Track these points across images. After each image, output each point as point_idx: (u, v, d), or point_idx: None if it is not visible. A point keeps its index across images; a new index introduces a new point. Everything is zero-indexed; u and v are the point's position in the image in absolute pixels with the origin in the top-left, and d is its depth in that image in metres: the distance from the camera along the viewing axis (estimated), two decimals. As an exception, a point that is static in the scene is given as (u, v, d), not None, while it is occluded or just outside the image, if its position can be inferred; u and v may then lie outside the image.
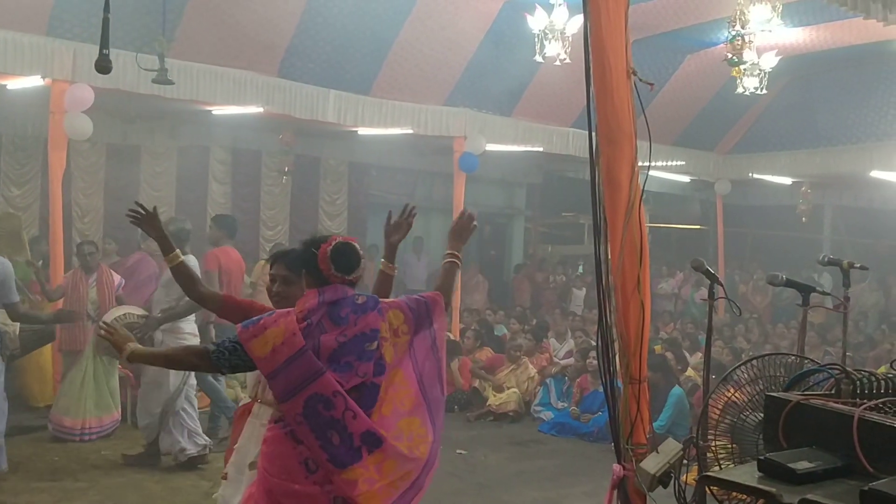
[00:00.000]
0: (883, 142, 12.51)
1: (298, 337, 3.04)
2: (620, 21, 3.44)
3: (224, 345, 3.13)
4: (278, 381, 3.03)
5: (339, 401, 3.02)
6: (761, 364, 3.55)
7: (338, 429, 3.02)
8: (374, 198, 13.94)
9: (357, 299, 3.23)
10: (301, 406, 3.01)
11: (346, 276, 3.22)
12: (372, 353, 3.14)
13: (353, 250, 3.29)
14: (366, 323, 3.16)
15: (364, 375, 3.11)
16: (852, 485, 2.25)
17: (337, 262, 3.21)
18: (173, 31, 8.61)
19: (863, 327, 12.84)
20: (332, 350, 3.08)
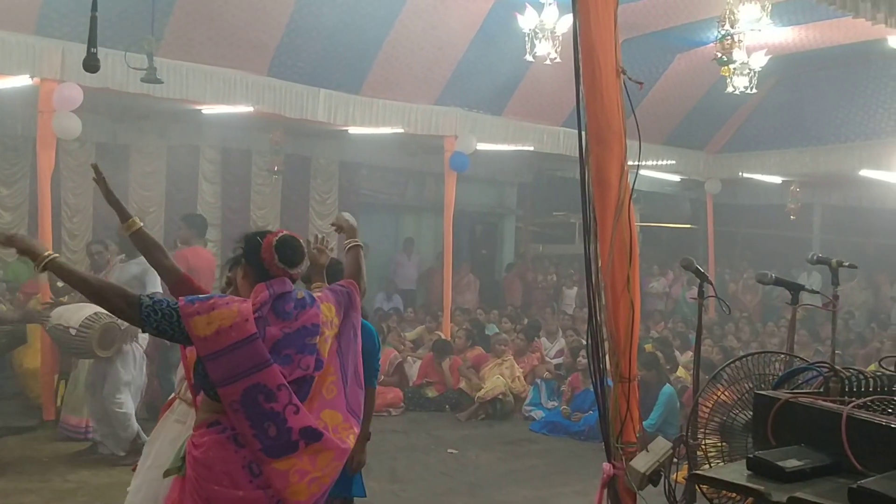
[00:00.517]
0: (872, 141, 12.56)
1: (251, 324, 2.98)
2: (610, 20, 3.44)
3: (161, 304, 2.99)
4: (218, 364, 2.95)
5: (282, 394, 2.99)
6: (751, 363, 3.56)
7: (276, 422, 2.97)
8: (365, 197, 13.92)
9: (296, 294, 3.23)
10: (239, 394, 2.95)
11: (289, 270, 3.20)
12: (314, 347, 3.15)
13: (299, 244, 3.29)
14: (307, 317, 3.16)
15: (306, 369, 3.10)
16: (841, 483, 2.25)
17: (281, 253, 3.19)
18: (162, 30, 8.58)
19: (853, 325, 12.90)
20: (276, 341, 3.05)
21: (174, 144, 11.79)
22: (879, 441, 2.34)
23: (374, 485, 6.62)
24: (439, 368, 9.88)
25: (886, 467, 2.25)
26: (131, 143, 11.51)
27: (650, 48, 11.59)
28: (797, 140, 13.56)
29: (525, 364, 10.11)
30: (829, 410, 2.48)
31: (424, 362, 10.13)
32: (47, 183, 7.93)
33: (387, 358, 9.70)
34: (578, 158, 3.57)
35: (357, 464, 4.24)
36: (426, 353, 10.40)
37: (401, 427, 8.77)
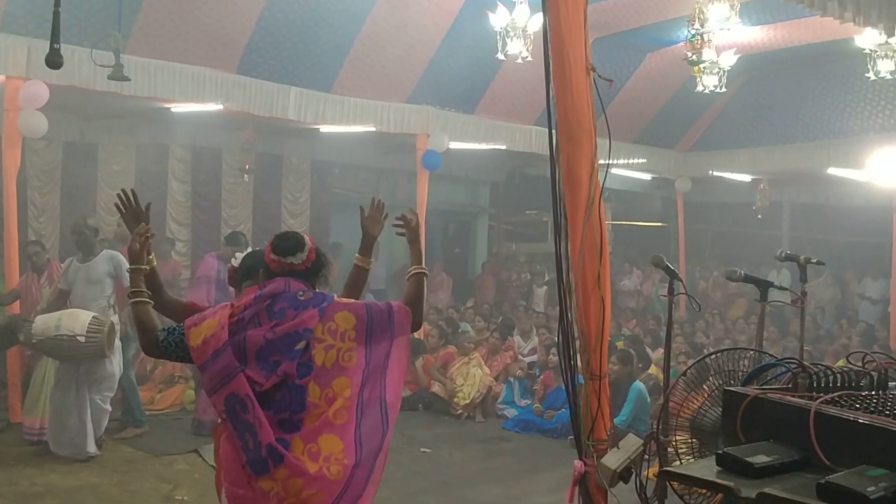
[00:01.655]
0: (839, 139, 12.72)
1: (224, 331, 2.98)
2: (579, 18, 3.44)
3: (174, 334, 3.09)
4: (206, 374, 2.98)
5: (249, 405, 2.92)
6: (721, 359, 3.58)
7: (251, 433, 2.92)
8: (338, 196, 13.87)
9: (300, 294, 3.12)
10: (222, 403, 2.96)
11: (284, 259, 3.17)
12: (298, 353, 2.99)
13: (295, 236, 3.29)
14: (300, 320, 3.03)
15: (283, 375, 2.96)
16: (809, 478, 2.27)
17: (276, 246, 3.21)
18: (130, 26, 8.47)
19: (821, 322, 13.05)
20: (259, 347, 2.98)
21: (143, 143, 11.67)
22: (847, 436, 2.36)
23: (346, 485, 6.59)
24: (412, 368, 9.85)
25: (854, 462, 2.27)
26: (99, 142, 11.39)
27: (621, 47, 11.64)
28: (766, 138, 13.70)
29: (498, 362, 10.11)
30: (798, 406, 2.49)
31: (397, 361, 10.09)
32: (13, 182, 7.82)
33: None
34: (549, 157, 3.57)
35: None
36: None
37: (374, 426, 8.72)
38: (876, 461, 2.25)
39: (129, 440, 7.44)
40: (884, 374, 2.82)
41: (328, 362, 3.02)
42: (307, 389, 2.97)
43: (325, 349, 3.02)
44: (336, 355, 3.03)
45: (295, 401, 2.96)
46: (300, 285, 3.17)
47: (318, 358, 3.00)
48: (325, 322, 3.06)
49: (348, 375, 3.03)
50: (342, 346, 3.05)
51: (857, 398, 2.60)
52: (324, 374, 3.00)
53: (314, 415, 2.96)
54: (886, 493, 2.10)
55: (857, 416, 2.40)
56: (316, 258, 3.26)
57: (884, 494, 2.09)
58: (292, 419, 2.95)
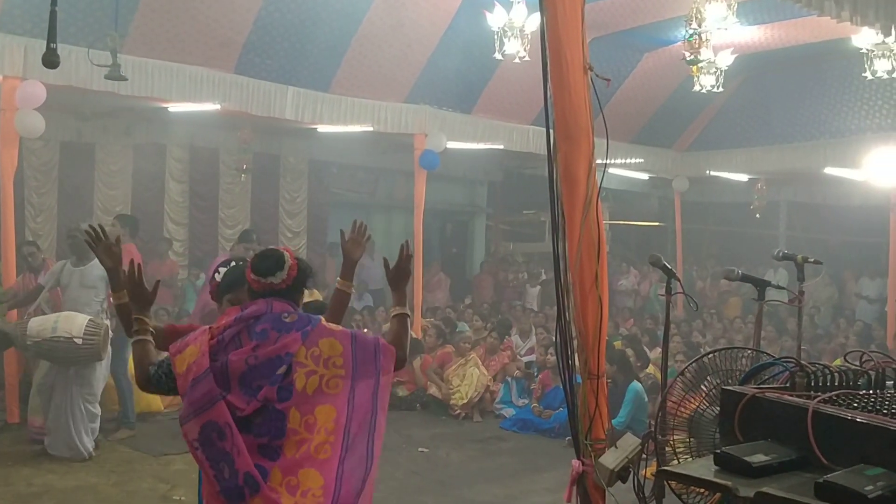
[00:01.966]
0: (836, 139, 12.72)
1: (205, 358, 2.91)
2: (577, 17, 3.44)
3: (163, 366, 3.05)
4: (186, 400, 2.92)
5: (228, 433, 2.84)
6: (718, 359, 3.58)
7: (227, 461, 2.84)
8: (335, 196, 13.87)
9: (285, 316, 3.03)
10: (198, 432, 2.88)
11: (262, 280, 3.09)
12: (280, 378, 2.90)
13: (274, 254, 3.17)
14: (283, 344, 2.94)
15: (263, 399, 2.88)
16: (807, 477, 2.27)
17: (255, 266, 3.13)
18: (127, 26, 8.45)
19: (818, 321, 13.07)
20: (242, 373, 2.91)
21: (140, 143, 11.66)
22: (845, 435, 2.37)
23: (344, 485, 6.59)
24: (410, 367, 9.84)
25: (852, 461, 2.28)
26: (96, 142, 11.37)
27: (618, 47, 11.64)
28: (763, 138, 13.70)
29: (496, 362, 10.10)
30: (795, 405, 2.50)
31: (395, 361, 10.08)
32: (10, 182, 7.81)
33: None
34: (546, 156, 3.57)
35: None
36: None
37: (371, 426, 8.71)
38: (874, 460, 2.25)
39: (126, 440, 7.44)
40: (881, 374, 2.82)
41: (309, 388, 2.92)
42: (287, 415, 2.89)
43: (307, 374, 2.93)
44: (318, 381, 2.94)
45: (274, 426, 2.88)
46: (284, 306, 3.09)
47: (298, 383, 2.92)
48: (308, 347, 2.97)
49: (333, 404, 2.93)
50: (325, 372, 2.96)
51: (854, 397, 2.60)
52: (305, 399, 2.91)
53: (294, 441, 2.87)
54: (884, 492, 2.10)
55: (855, 415, 2.40)
56: (298, 274, 3.16)
57: (882, 493, 2.09)
58: (271, 444, 2.87)
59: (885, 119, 12.23)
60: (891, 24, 5.85)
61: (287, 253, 3.19)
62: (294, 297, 3.16)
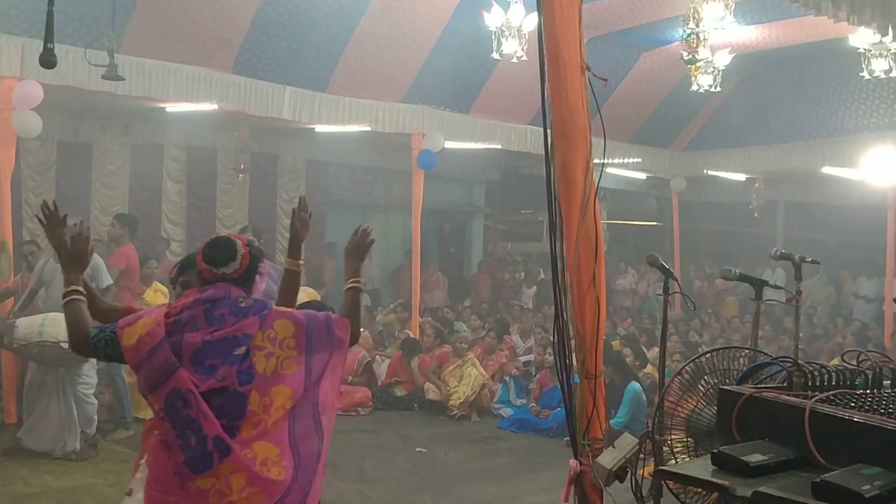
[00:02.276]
0: (833, 138, 12.73)
1: (161, 328, 2.94)
2: (574, 17, 3.44)
3: (105, 332, 3.05)
4: (142, 372, 2.93)
5: (192, 399, 2.86)
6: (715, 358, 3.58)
7: (194, 429, 2.85)
8: (333, 195, 13.86)
9: (241, 301, 3.07)
10: (162, 401, 2.89)
11: (215, 270, 3.10)
12: (238, 359, 2.94)
13: (226, 243, 3.18)
14: (240, 326, 2.98)
15: (223, 379, 2.90)
16: (805, 477, 2.27)
17: (206, 254, 3.14)
18: (124, 26, 8.45)
19: (816, 321, 13.08)
20: (196, 349, 2.93)
21: (138, 143, 11.67)
22: (842, 435, 2.37)
23: (342, 485, 6.60)
24: (408, 367, 9.85)
25: (849, 461, 2.28)
26: (94, 142, 11.37)
27: (616, 47, 11.64)
28: (761, 138, 13.71)
29: (494, 362, 10.11)
30: (793, 405, 2.49)
31: (393, 361, 10.10)
32: (7, 182, 7.81)
33: (355, 357, 9.65)
34: (544, 156, 3.57)
35: None
36: (395, 352, 10.38)
37: (369, 426, 8.73)
38: (871, 460, 2.25)
39: (124, 440, 7.43)
40: (878, 373, 2.82)
41: (268, 370, 2.97)
42: (248, 397, 2.92)
43: (266, 356, 2.98)
44: (275, 363, 2.98)
45: (235, 407, 2.91)
46: (240, 292, 3.11)
47: (259, 365, 2.96)
48: (264, 329, 3.02)
49: (287, 384, 2.98)
50: (281, 353, 3.01)
51: (852, 397, 2.60)
52: (264, 381, 2.95)
53: (251, 423, 2.91)
54: (881, 492, 2.10)
55: (853, 414, 2.40)
56: (250, 262, 3.17)
57: (879, 493, 2.09)
58: (229, 426, 2.88)
59: (883, 118, 12.24)
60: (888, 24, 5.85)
61: (239, 241, 3.20)
62: (247, 285, 3.18)
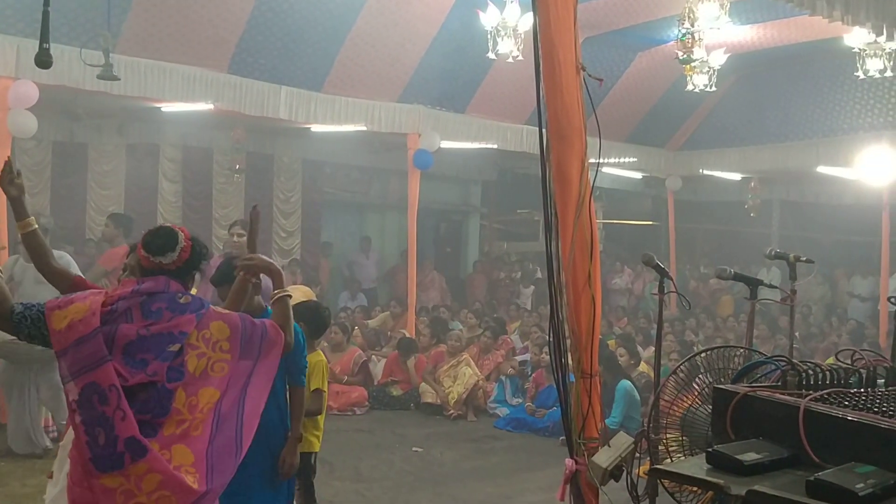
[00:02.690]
0: (829, 138, 12.76)
1: (96, 317, 2.84)
2: (569, 17, 3.45)
3: (31, 309, 2.93)
4: (66, 359, 2.82)
5: (112, 396, 2.76)
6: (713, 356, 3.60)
7: (105, 427, 2.75)
8: (329, 195, 13.86)
9: (179, 297, 2.99)
10: (77, 393, 2.79)
11: (152, 258, 3.02)
12: (171, 355, 2.87)
13: (167, 232, 3.11)
14: (177, 322, 2.91)
15: (153, 375, 2.83)
16: (799, 475, 2.27)
17: (146, 242, 3.07)
18: (120, 26, 8.45)
19: (812, 320, 13.10)
20: (130, 341, 2.85)
21: (133, 143, 11.66)
22: (836, 433, 2.38)
23: (338, 484, 6.60)
24: (404, 367, 9.85)
25: (843, 459, 2.28)
26: (89, 142, 11.36)
27: (611, 46, 11.66)
28: (756, 137, 13.74)
29: (490, 361, 10.11)
30: (787, 404, 2.50)
31: (389, 360, 10.10)
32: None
33: (351, 357, 9.66)
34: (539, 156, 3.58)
35: (289, 466, 4.07)
36: (391, 351, 10.38)
37: (366, 426, 8.73)
38: (865, 458, 2.26)
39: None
40: (872, 372, 2.84)
41: (198, 370, 2.91)
42: (174, 394, 2.86)
43: (198, 356, 2.92)
44: (206, 364, 2.93)
45: (160, 404, 2.84)
46: (179, 286, 3.04)
47: (190, 364, 2.90)
48: (200, 329, 2.95)
49: (215, 387, 2.92)
50: (213, 355, 2.95)
51: (846, 396, 2.62)
52: (192, 381, 2.90)
53: (174, 421, 2.84)
54: (875, 490, 2.11)
55: (846, 413, 2.41)
56: (190, 256, 3.09)
57: (872, 491, 2.10)
58: (152, 422, 2.81)
59: (878, 118, 12.27)
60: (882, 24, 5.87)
61: (182, 233, 3.11)
62: (184, 279, 3.10)
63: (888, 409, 2.49)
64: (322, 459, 5.64)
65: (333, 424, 7.82)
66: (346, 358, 9.61)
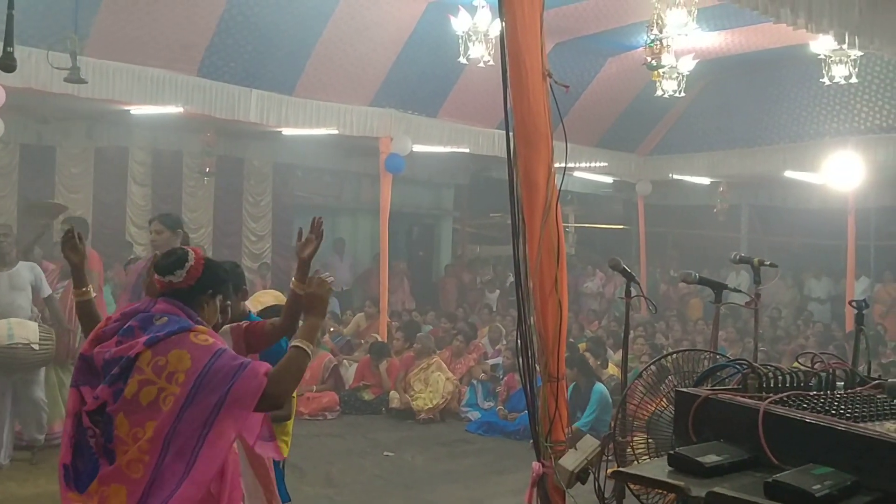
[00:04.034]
0: (796, 143, 12.94)
1: (88, 342, 2.90)
2: (536, 24, 3.48)
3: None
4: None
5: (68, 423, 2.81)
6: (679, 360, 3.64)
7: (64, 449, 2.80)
8: (300, 199, 13.81)
9: (157, 318, 2.83)
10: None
11: (164, 278, 2.94)
12: (114, 378, 2.72)
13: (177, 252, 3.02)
14: (130, 345, 2.75)
15: (96, 399, 2.73)
16: (758, 477, 2.30)
17: (156, 264, 3.04)
18: (88, 28, 8.38)
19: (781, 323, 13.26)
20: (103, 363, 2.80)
21: (102, 146, 11.56)
22: (794, 435, 2.41)
23: (308, 489, 6.57)
24: (376, 371, 9.84)
25: (801, 461, 2.32)
26: (57, 145, 11.26)
27: (582, 52, 11.74)
28: (724, 142, 13.90)
29: (462, 365, 10.13)
30: (747, 406, 2.54)
31: (361, 364, 10.08)
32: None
33: (321, 362, 9.62)
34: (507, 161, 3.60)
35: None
36: (362, 355, 10.36)
37: (337, 431, 8.71)
38: (822, 460, 2.30)
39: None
40: (831, 375, 2.88)
41: (143, 398, 2.68)
42: (114, 420, 2.69)
43: (141, 383, 2.69)
44: (156, 394, 2.68)
45: (106, 429, 2.71)
46: (168, 307, 2.89)
47: (129, 389, 2.69)
48: (154, 354, 2.73)
49: (161, 421, 2.66)
50: (166, 386, 2.68)
51: (804, 398, 2.65)
52: (136, 410, 2.68)
53: (122, 451, 2.68)
54: (832, 491, 2.15)
55: (804, 415, 2.45)
56: (203, 273, 2.97)
57: (829, 492, 2.14)
58: (107, 447, 2.70)
59: (843, 123, 12.46)
60: (844, 31, 5.97)
61: (194, 252, 3.02)
62: (195, 299, 2.96)
63: (846, 411, 2.54)
64: (292, 465, 5.63)
65: (304, 430, 7.80)
66: (316, 364, 9.56)
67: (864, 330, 4.33)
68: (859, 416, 2.51)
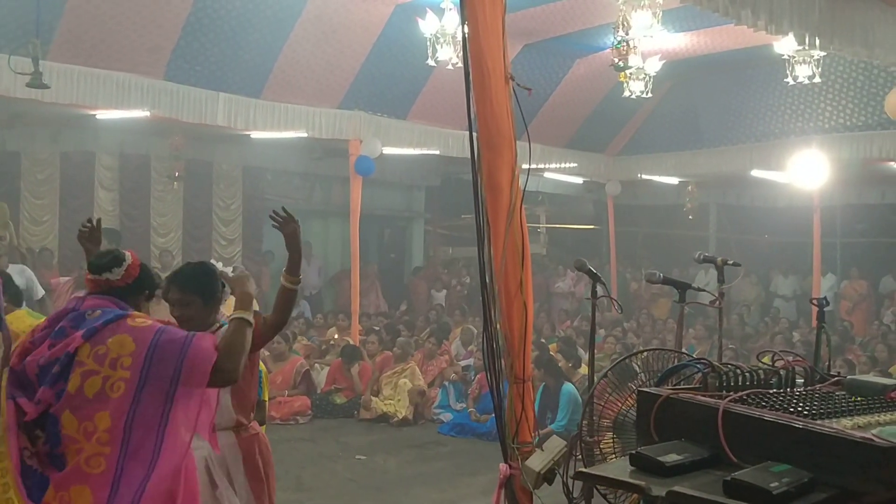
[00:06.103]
0: (761, 143, 13.10)
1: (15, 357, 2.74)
2: (498, 27, 3.49)
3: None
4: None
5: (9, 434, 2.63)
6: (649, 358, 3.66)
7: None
8: (270, 202, 13.66)
9: (88, 313, 2.75)
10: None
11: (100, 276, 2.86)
12: (54, 378, 2.62)
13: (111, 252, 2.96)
14: (66, 343, 2.66)
15: (38, 403, 2.62)
16: (718, 475, 2.32)
17: (90, 264, 2.97)
18: (51, 32, 8.29)
19: (748, 320, 13.41)
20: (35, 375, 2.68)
21: (68, 151, 11.44)
22: (753, 433, 2.44)
23: (280, 495, 6.46)
24: (348, 374, 9.80)
25: (760, 458, 2.34)
26: (22, 150, 11.13)
27: (550, 53, 11.79)
28: (692, 142, 14.03)
29: (433, 367, 10.13)
30: (707, 405, 2.56)
31: (333, 368, 10.04)
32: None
33: (293, 367, 9.58)
34: (471, 164, 3.62)
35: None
36: (334, 359, 10.33)
37: (308, 435, 8.68)
38: (781, 457, 2.32)
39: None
40: (791, 373, 2.92)
41: (88, 390, 2.60)
42: (60, 420, 2.60)
43: (84, 375, 2.61)
44: (101, 384, 2.60)
45: (52, 432, 2.61)
46: (99, 301, 2.82)
47: (72, 384, 2.61)
48: (94, 345, 2.65)
49: (112, 409, 2.59)
50: (111, 374, 2.61)
51: (764, 396, 2.68)
52: (82, 403, 2.60)
53: (73, 450, 2.59)
54: (789, 489, 2.17)
55: (763, 413, 2.47)
56: (140, 275, 2.93)
57: (787, 490, 2.16)
58: (54, 453, 2.62)
59: (808, 122, 12.63)
60: (804, 33, 6.05)
61: (129, 254, 2.97)
62: (131, 299, 2.90)
63: (804, 408, 2.57)
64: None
65: (275, 434, 7.75)
66: (288, 368, 9.52)
67: (825, 327, 4.39)
68: (817, 413, 2.54)
